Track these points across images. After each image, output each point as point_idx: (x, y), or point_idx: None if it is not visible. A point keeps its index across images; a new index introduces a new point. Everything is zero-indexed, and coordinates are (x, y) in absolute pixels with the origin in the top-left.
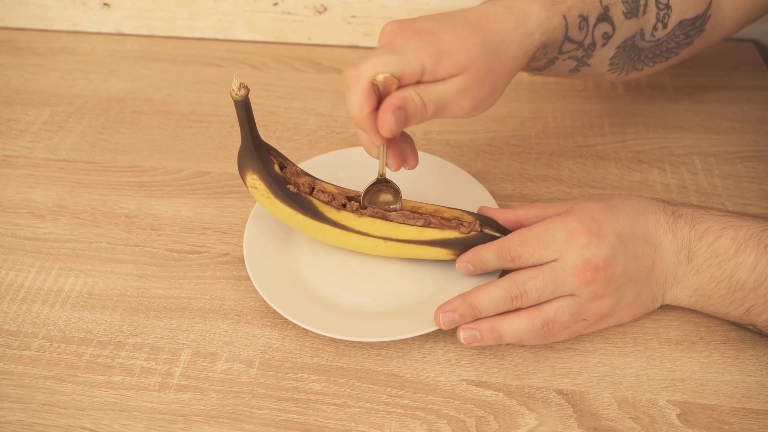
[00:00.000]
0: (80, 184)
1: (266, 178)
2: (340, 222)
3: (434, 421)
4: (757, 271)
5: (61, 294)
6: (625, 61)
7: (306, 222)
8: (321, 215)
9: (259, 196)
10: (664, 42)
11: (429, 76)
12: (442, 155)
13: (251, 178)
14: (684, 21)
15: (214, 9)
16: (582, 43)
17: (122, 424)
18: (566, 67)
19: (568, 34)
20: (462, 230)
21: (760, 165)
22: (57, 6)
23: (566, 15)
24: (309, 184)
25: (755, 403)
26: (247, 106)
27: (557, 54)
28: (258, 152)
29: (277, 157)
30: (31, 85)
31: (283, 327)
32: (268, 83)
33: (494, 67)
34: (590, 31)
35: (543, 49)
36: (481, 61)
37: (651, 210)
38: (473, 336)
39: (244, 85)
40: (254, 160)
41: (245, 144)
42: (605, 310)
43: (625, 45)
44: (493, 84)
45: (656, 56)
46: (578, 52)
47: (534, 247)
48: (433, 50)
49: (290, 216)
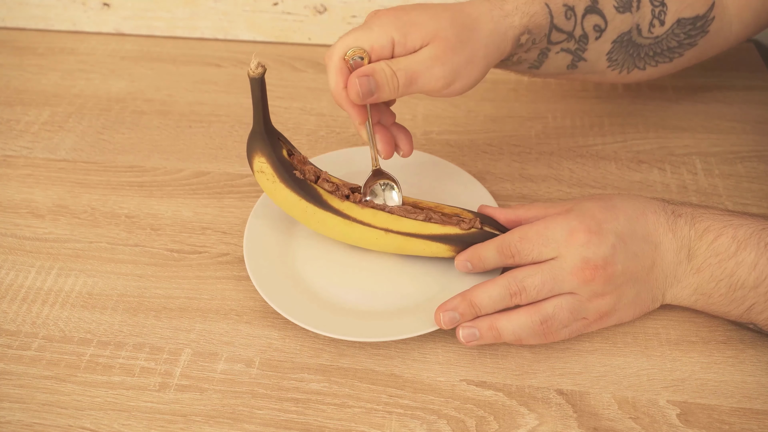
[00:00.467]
0: (80, 184)
1: (274, 162)
2: (343, 211)
3: (434, 421)
4: (757, 270)
5: (61, 294)
6: (625, 58)
7: (309, 210)
8: (325, 203)
9: (264, 180)
10: (664, 40)
11: (399, 48)
12: (442, 155)
13: (259, 161)
14: (682, 20)
15: (214, 9)
16: (572, 33)
17: (122, 424)
18: (563, 63)
19: (555, 22)
20: (462, 226)
21: (760, 165)
22: (57, 6)
23: (548, 3)
24: (314, 173)
25: (755, 403)
26: (262, 86)
27: (547, 44)
28: (269, 136)
29: (286, 144)
30: (31, 85)
31: (283, 327)
32: (268, 83)
33: (465, 38)
34: (579, 22)
35: (528, 35)
36: (449, 31)
37: (651, 209)
38: (472, 334)
39: (262, 63)
40: (264, 143)
41: (257, 126)
42: (605, 309)
43: (622, 40)
44: (468, 56)
45: (657, 55)
46: (570, 44)
47: (534, 244)
48: (400, 23)
49: (294, 203)
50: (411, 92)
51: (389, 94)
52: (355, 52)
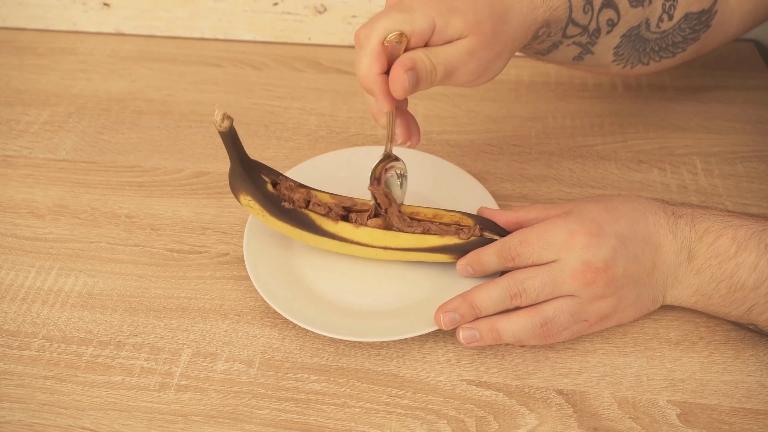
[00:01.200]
0: (80, 184)
1: (260, 199)
2: (338, 234)
3: (434, 421)
4: (757, 271)
5: (61, 294)
6: (630, 52)
7: (304, 236)
8: (318, 228)
9: (255, 213)
10: (670, 35)
11: (438, 36)
12: (442, 155)
13: (245, 199)
14: (690, 14)
15: (214, 9)
16: (587, 27)
17: (122, 424)
18: (570, 54)
19: (573, 16)
20: (462, 236)
21: (760, 165)
22: (57, 6)
23: None
24: (304, 198)
25: (755, 403)
26: (233, 136)
27: (561, 38)
28: (248, 173)
29: (269, 175)
30: (31, 85)
31: (283, 327)
32: (268, 83)
33: (500, 32)
34: (595, 16)
35: (546, 28)
36: (488, 24)
37: (651, 211)
38: (472, 336)
39: (228, 115)
40: (245, 182)
41: (234, 168)
42: (605, 312)
43: (630, 34)
44: (498, 51)
45: (662, 50)
46: (583, 38)
47: (534, 247)
48: (443, 8)
49: (288, 230)
50: (444, 84)
51: (426, 86)
52: (397, 37)
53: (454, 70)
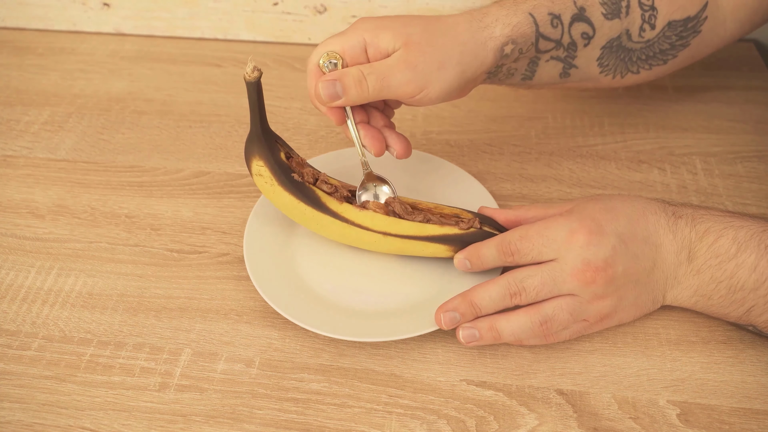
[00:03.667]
0: (80, 184)
1: (272, 165)
2: (341, 214)
3: (434, 421)
4: (757, 272)
5: (61, 294)
6: (616, 63)
7: (307, 212)
8: (323, 206)
9: (262, 183)
10: (655, 43)
11: (372, 51)
12: (442, 155)
13: (257, 164)
14: (673, 22)
15: (214, 9)
16: (560, 41)
17: (122, 424)
18: (554, 71)
19: (540, 30)
20: (461, 226)
21: (760, 165)
22: (57, 6)
23: (532, 12)
24: (313, 175)
25: (755, 403)
26: (258, 89)
27: (535, 53)
28: (266, 139)
29: (284, 147)
30: (31, 85)
31: (283, 327)
32: (268, 83)
33: (437, 43)
34: (566, 30)
35: (513, 44)
36: (420, 36)
37: (651, 210)
38: (472, 335)
39: (258, 67)
40: (262, 146)
41: (254, 129)
42: (605, 311)
43: (611, 45)
44: (439, 60)
45: (650, 58)
46: (559, 52)
47: (534, 244)
48: (372, 26)
49: (292, 205)
50: (385, 97)
51: (358, 97)
52: (329, 57)
53: (386, 78)
